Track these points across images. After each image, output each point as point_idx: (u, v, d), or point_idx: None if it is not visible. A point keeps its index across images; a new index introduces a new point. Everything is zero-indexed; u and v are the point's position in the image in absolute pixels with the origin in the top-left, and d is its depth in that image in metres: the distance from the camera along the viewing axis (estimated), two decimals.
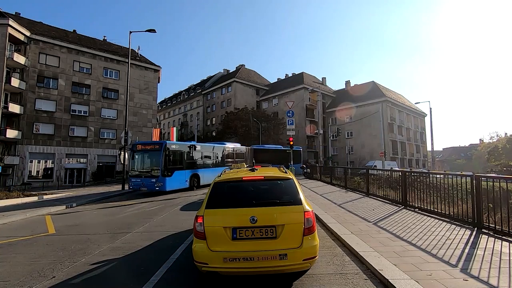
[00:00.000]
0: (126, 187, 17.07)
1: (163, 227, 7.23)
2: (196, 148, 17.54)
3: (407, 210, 7.85)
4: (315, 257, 3.43)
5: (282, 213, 3.49)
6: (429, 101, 69.18)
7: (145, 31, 18.13)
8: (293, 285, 3.60)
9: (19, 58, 25.59)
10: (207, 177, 17.86)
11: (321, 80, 57.19)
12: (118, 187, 19.23)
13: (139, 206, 11.20)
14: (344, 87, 55.58)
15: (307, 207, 3.58)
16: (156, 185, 14.42)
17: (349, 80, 55.28)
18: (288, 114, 20.96)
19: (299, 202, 3.61)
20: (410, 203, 8.15)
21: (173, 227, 7.15)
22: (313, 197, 11.20)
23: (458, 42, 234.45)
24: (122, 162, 17.87)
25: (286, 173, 4.27)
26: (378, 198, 10.09)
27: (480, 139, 73.30)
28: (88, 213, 10.18)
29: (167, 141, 15.06)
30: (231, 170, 5.10)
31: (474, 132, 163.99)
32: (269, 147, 21.41)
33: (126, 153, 17.39)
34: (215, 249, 3.34)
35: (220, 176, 4.29)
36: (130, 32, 18.54)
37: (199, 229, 3.46)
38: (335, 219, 6.91)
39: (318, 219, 7.00)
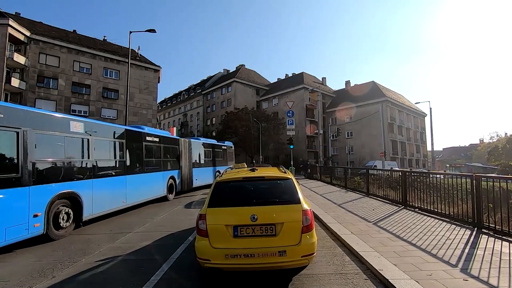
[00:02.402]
0: None
1: (163, 227, 7.22)
2: (72, 127, 6.92)
3: (407, 210, 7.85)
4: (313, 253, 3.53)
5: (281, 212, 3.60)
6: (429, 101, 69.66)
7: (145, 31, 18.11)
8: (293, 285, 3.62)
9: (19, 58, 25.55)
10: (104, 198, 7.90)
11: (321, 80, 57.16)
12: None
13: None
14: (344, 87, 55.55)
15: (305, 206, 3.69)
16: None
17: (349, 80, 55.32)
18: (288, 114, 21.02)
19: (298, 201, 3.73)
20: (410, 203, 8.15)
21: (173, 227, 7.14)
22: (313, 197, 11.21)
23: (458, 42, 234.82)
24: None
25: (286, 173, 4.39)
26: (378, 198, 10.09)
27: (480, 139, 73.60)
28: None
29: None
30: (232, 170, 5.28)
31: (474, 132, 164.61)
32: (204, 140, 20.62)
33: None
34: (217, 246, 3.44)
35: (221, 176, 4.43)
36: (130, 32, 18.51)
37: (202, 227, 3.56)
38: (335, 219, 6.91)
39: (318, 219, 7.02)
